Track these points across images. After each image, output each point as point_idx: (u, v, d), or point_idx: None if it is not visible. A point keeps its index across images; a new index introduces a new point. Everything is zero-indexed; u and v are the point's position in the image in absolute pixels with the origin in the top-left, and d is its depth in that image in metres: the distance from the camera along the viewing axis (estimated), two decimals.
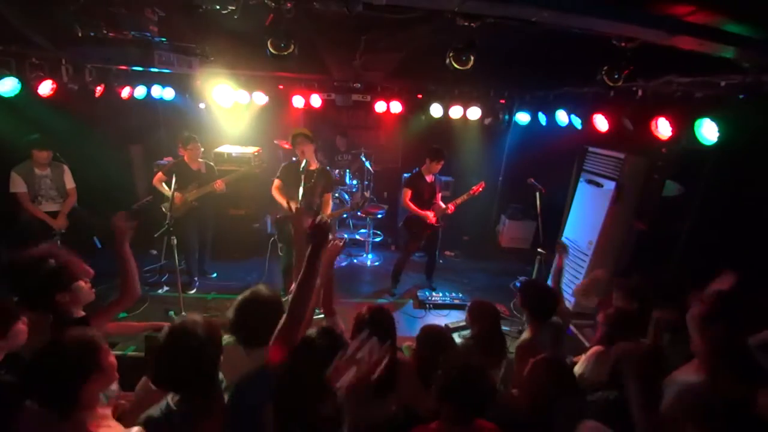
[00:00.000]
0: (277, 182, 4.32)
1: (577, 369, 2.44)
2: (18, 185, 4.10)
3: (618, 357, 2.03)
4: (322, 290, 2.20)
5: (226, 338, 1.89)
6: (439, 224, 4.94)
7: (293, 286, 1.68)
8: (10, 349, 1.89)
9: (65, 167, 4.44)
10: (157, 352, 1.59)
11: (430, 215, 4.77)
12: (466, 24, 2.32)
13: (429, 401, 2.00)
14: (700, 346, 1.93)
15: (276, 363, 1.57)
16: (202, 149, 4.75)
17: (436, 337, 2.34)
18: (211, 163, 4.98)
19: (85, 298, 2.22)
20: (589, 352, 2.46)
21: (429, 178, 4.86)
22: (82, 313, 2.22)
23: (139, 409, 1.71)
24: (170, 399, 1.61)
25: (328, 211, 4.36)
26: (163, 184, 4.52)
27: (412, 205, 4.77)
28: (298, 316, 1.61)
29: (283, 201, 4.19)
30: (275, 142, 6.63)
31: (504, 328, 4.36)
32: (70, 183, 4.45)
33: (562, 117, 4.71)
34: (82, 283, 2.19)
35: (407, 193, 4.80)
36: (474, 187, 4.85)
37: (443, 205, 4.88)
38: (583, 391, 2.13)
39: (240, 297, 1.99)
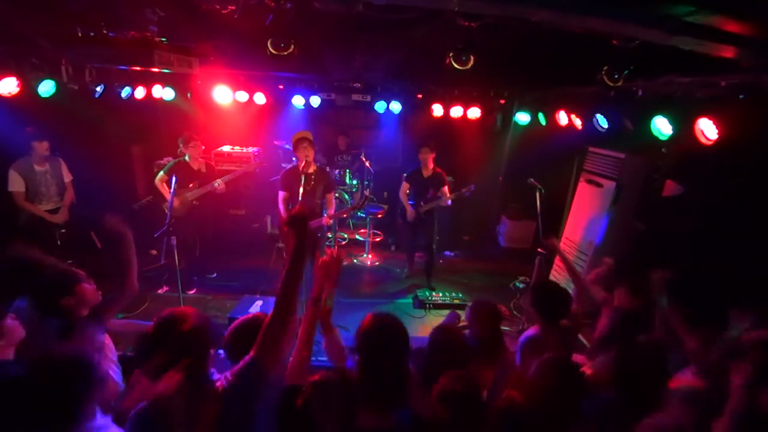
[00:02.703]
0: (282, 195, 4.29)
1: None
2: (16, 184, 4.09)
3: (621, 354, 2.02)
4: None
5: None
6: (425, 216, 5.11)
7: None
8: (12, 346, 1.94)
9: (61, 160, 4.45)
10: (146, 337, 1.57)
11: (409, 210, 5.08)
12: (466, 24, 2.32)
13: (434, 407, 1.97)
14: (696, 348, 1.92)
15: (265, 367, 1.54)
16: (203, 147, 4.76)
17: (447, 344, 2.23)
18: (211, 163, 4.98)
19: (91, 300, 2.28)
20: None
21: (425, 173, 5.05)
22: (85, 313, 2.25)
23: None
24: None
25: (332, 210, 4.35)
26: (165, 185, 4.52)
27: (402, 197, 5.19)
28: (281, 318, 1.57)
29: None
30: (275, 142, 6.64)
31: (504, 328, 4.38)
32: (67, 176, 4.47)
33: (562, 117, 4.71)
34: (86, 286, 2.25)
35: (404, 186, 5.21)
36: (463, 189, 5.07)
37: (441, 199, 5.02)
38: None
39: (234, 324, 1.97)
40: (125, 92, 4.99)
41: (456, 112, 5.58)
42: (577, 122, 4.45)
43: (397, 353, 1.83)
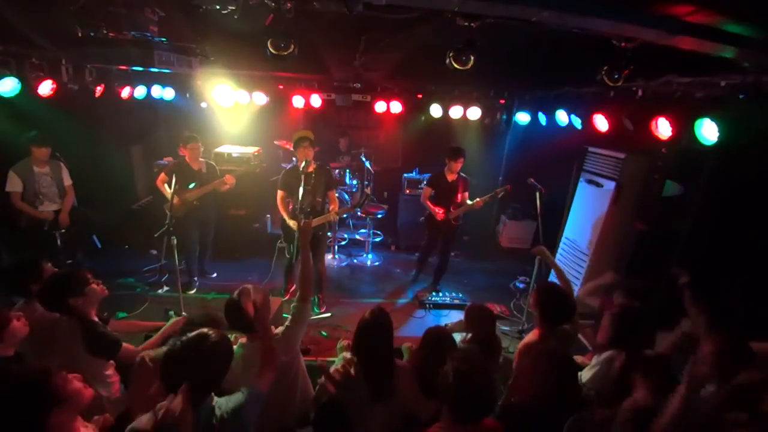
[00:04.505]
0: (280, 194, 4.31)
1: (586, 373, 2.44)
2: (14, 184, 4.09)
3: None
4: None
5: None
6: (457, 223, 4.98)
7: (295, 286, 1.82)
8: (13, 345, 1.99)
9: (62, 165, 4.44)
10: (170, 359, 1.61)
11: (439, 211, 4.81)
12: (466, 24, 2.32)
13: (428, 406, 2.00)
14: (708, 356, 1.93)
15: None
16: (203, 148, 4.75)
17: (440, 339, 2.35)
18: (212, 163, 4.97)
19: (98, 297, 2.39)
20: (602, 357, 2.44)
21: (450, 177, 4.87)
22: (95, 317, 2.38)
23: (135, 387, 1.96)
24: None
25: (337, 207, 4.33)
26: (165, 185, 4.51)
27: (427, 202, 4.90)
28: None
29: (287, 217, 4.23)
30: (275, 142, 6.64)
31: (504, 328, 4.39)
32: (67, 180, 4.46)
33: (562, 117, 4.71)
34: (94, 286, 2.35)
35: (426, 191, 4.94)
36: (498, 190, 4.84)
37: (469, 202, 4.88)
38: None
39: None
40: (125, 92, 5.00)
41: (456, 112, 5.58)
42: (577, 122, 4.45)
43: (385, 337, 2.17)
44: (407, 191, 6.55)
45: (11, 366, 1.70)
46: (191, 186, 4.57)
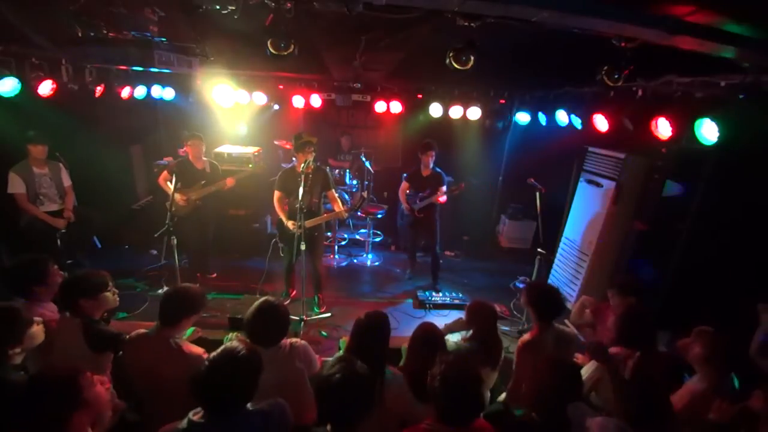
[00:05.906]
0: (277, 194, 4.31)
1: (584, 372, 2.44)
2: (16, 186, 4.08)
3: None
4: None
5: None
6: (422, 215, 5.11)
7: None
8: (28, 350, 2.01)
9: (62, 165, 4.44)
10: (206, 371, 1.61)
11: (405, 205, 5.13)
12: (466, 24, 2.32)
13: (422, 411, 1.99)
14: (698, 355, 1.93)
15: None
16: (204, 147, 4.75)
17: (427, 337, 2.33)
18: (215, 163, 4.97)
19: (109, 305, 2.45)
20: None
21: (425, 173, 5.06)
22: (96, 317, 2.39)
23: None
24: (192, 415, 1.62)
25: (338, 207, 4.34)
26: (168, 183, 4.52)
27: (401, 197, 5.22)
28: None
29: (284, 218, 4.23)
30: (275, 142, 6.64)
31: (504, 328, 4.39)
32: (67, 181, 4.46)
33: (562, 117, 4.71)
34: (109, 294, 2.42)
35: (403, 186, 5.21)
36: (453, 188, 5.18)
37: (432, 197, 5.01)
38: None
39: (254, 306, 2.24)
40: (125, 92, 4.99)
41: (456, 112, 5.58)
42: (577, 122, 4.45)
43: (379, 341, 2.17)
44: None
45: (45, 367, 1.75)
46: (195, 185, 4.57)
